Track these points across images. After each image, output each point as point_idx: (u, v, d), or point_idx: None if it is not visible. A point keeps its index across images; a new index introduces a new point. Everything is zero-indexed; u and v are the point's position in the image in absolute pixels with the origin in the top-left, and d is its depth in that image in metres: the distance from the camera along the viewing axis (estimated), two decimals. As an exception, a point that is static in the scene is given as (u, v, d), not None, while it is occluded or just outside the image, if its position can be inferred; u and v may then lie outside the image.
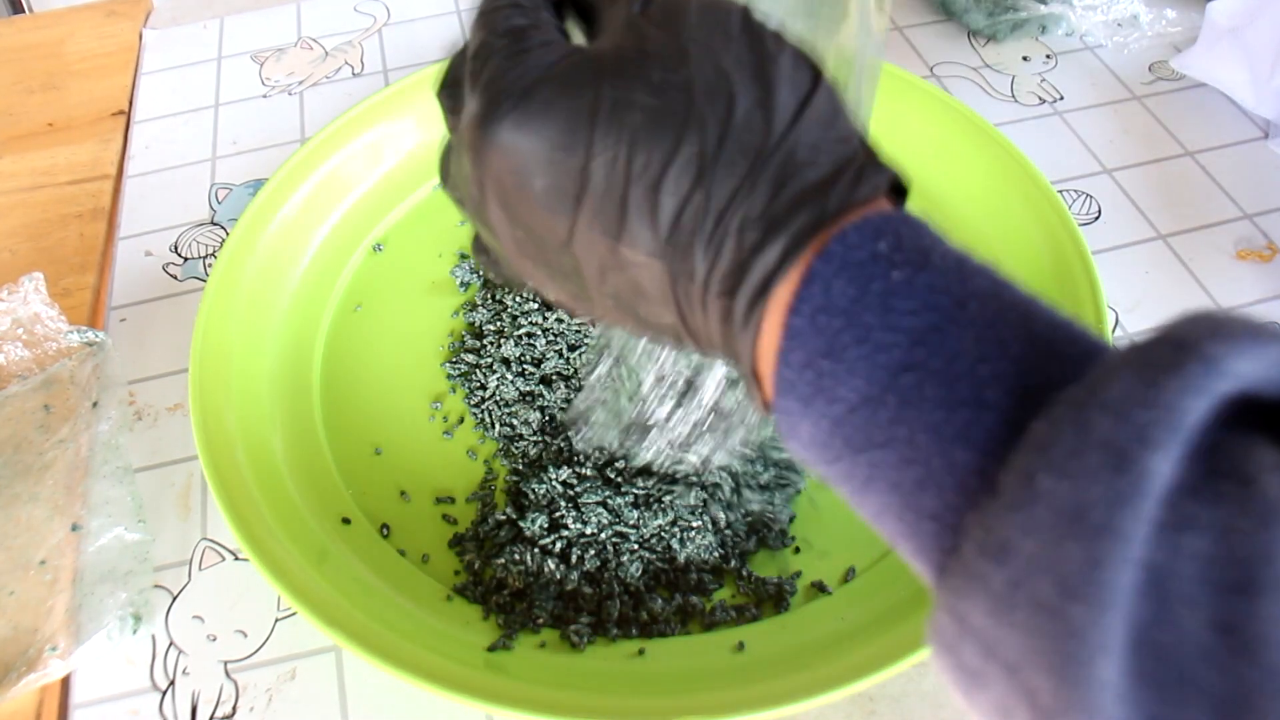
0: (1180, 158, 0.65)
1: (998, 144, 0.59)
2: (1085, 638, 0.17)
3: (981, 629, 0.18)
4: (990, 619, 0.18)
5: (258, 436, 0.49)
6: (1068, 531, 0.17)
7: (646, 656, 0.43)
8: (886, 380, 0.20)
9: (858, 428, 0.20)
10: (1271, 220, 0.61)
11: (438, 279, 0.59)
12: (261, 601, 0.47)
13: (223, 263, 0.54)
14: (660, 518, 0.46)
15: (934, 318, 0.20)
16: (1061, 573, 0.17)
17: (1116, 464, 0.17)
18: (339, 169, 0.61)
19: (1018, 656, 0.17)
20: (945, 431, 0.19)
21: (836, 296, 0.21)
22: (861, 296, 0.20)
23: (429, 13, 0.79)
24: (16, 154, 0.69)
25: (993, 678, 0.18)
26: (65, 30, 0.79)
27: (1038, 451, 0.18)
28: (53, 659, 0.43)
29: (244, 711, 0.43)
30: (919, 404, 0.20)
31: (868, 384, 0.20)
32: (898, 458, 0.20)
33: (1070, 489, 0.17)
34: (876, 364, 0.20)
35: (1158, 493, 0.17)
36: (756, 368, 0.23)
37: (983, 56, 0.73)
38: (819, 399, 0.21)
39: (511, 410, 0.52)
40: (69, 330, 0.54)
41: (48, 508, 0.47)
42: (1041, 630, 0.17)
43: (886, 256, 0.21)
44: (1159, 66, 0.71)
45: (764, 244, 0.22)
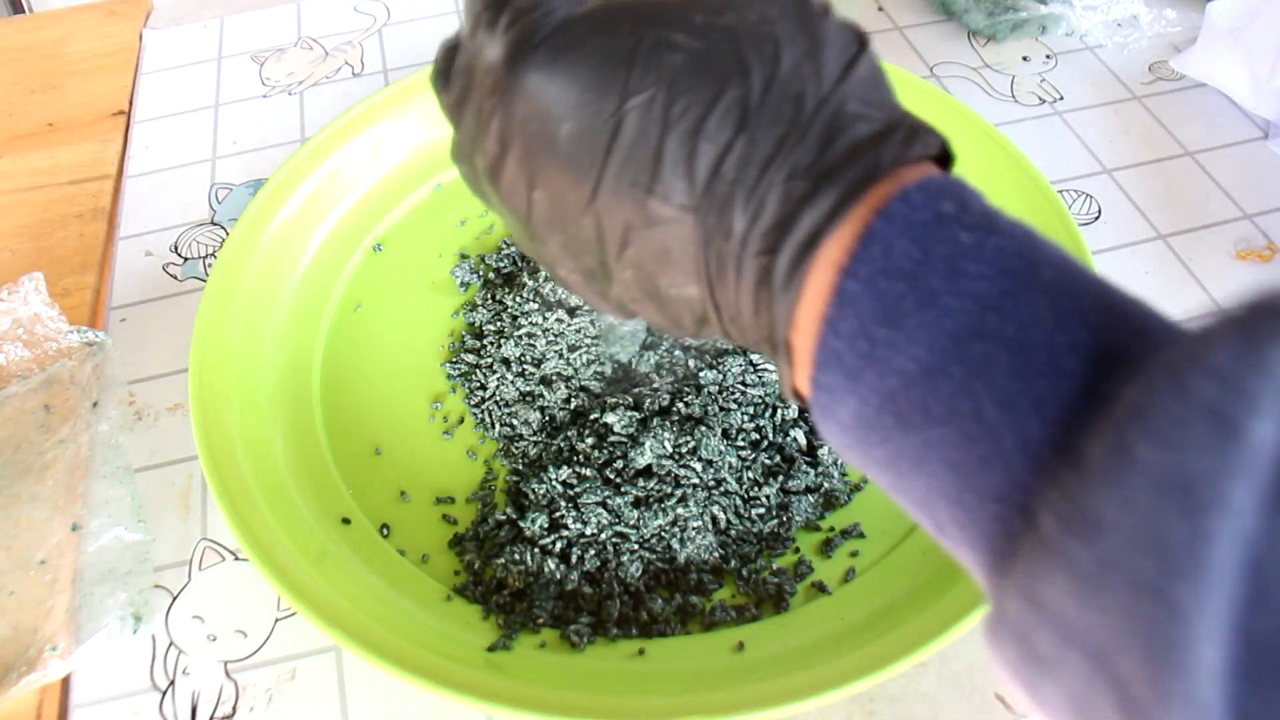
0: (1180, 158, 0.65)
1: (998, 144, 0.58)
2: (1190, 620, 0.15)
3: (1062, 612, 0.17)
4: (1074, 600, 0.16)
5: (258, 436, 0.49)
6: (1171, 504, 0.15)
7: (646, 656, 0.43)
8: (952, 349, 0.18)
9: (914, 402, 0.19)
10: (1271, 220, 0.61)
11: (438, 279, 0.59)
12: (261, 601, 0.47)
13: (223, 263, 0.54)
14: (660, 518, 0.46)
15: (1007, 283, 0.18)
16: (1164, 549, 0.15)
17: (1224, 433, 0.15)
18: (339, 169, 0.61)
19: (1106, 642, 0.16)
20: (1019, 403, 0.18)
21: (899, 258, 0.19)
22: (927, 259, 0.19)
23: (429, 13, 0.79)
24: (16, 154, 0.69)
25: (1070, 667, 0.16)
26: (65, 30, 0.79)
27: (1135, 419, 0.16)
28: (53, 659, 0.43)
29: (244, 711, 0.43)
30: (989, 374, 0.18)
31: (930, 353, 0.18)
32: (959, 434, 0.18)
33: (1173, 460, 0.15)
34: (942, 331, 0.18)
35: (1267, 465, 0.15)
36: (791, 341, 0.21)
37: (983, 56, 0.73)
38: (869, 371, 0.19)
39: (511, 410, 0.52)
40: (69, 330, 0.54)
41: (48, 508, 0.47)
42: (1138, 612, 0.15)
43: (954, 218, 0.19)
44: (1159, 66, 0.71)
45: (815, 195, 0.20)
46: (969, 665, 0.44)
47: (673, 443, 0.47)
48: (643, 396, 0.50)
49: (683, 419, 0.49)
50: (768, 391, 0.49)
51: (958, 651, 0.44)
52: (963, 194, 0.20)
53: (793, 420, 0.49)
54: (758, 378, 0.49)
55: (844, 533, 0.47)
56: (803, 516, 0.48)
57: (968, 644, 0.44)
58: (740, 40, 0.21)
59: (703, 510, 0.47)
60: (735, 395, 0.49)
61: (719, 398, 0.49)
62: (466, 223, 0.62)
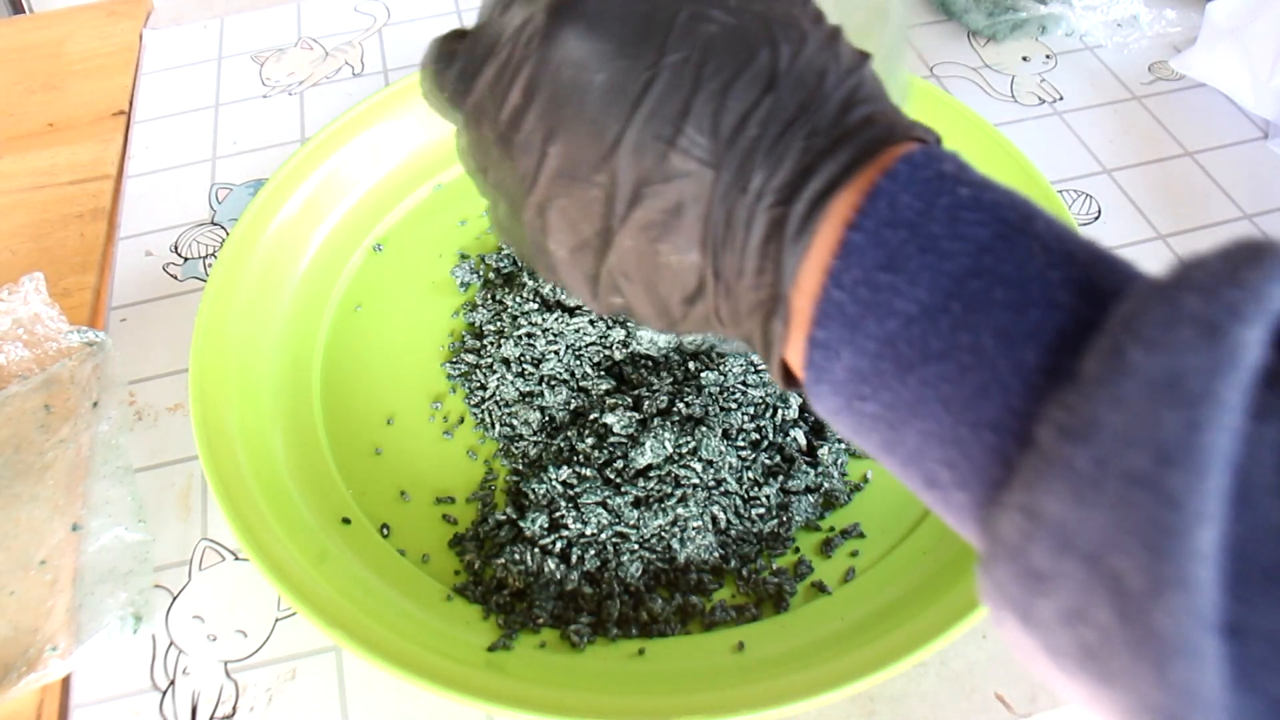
0: (1180, 158, 0.65)
1: (998, 144, 0.59)
2: (1184, 506, 0.16)
3: (1058, 519, 0.17)
4: (1072, 504, 0.17)
5: (258, 436, 0.50)
6: (1163, 400, 0.16)
7: (646, 656, 0.43)
8: (951, 287, 0.19)
9: (913, 342, 0.20)
10: (1271, 220, 0.61)
11: (438, 279, 0.59)
12: (261, 601, 0.47)
13: (223, 263, 0.54)
14: (660, 518, 0.46)
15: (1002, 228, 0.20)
16: (1157, 441, 0.16)
17: (1210, 335, 0.16)
18: (339, 169, 0.61)
19: (1101, 540, 0.17)
20: (1014, 332, 0.19)
21: (902, 210, 0.20)
22: (928, 210, 0.20)
23: (429, 13, 0.79)
24: (17, 154, 0.69)
25: (1064, 577, 0.17)
26: (66, 30, 0.79)
27: (1124, 328, 0.17)
28: (53, 659, 0.43)
29: (244, 711, 0.43)
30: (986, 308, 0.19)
31: (930, 293, 0.20)
32: (957, 368, 0.19)
33: (1163, 360, 0.17)
34: (942, 272, 0.20)
35: (1250, 367, 0.16)
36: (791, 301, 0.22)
37: (982, 56, 0.73)
38: (869, 318, 0.20)
39: (511, 410, 0.52)
40: (69, 330, 0.55)
41: (48, 508, 0.47)
42: (1133, 503, 0.16)
43: (954, 175, 0.21)
44: (1159, 66, 0.71)
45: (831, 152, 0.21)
46: (969, 665, 0.44)
47: (673, 443, 0.47)
48: (643, 397, 0.50)
49: (683, 419, 0.49)
50: (768, 392, 0.49)
51: (958, 651, 0.44)
52: (961, 161, 0.22)
53: (793, 420, 0.49)
54: (758, 378, 0.49)
55: (844, 533, 0.47)
56: (803, 516, 0.48)
57: (968, 644, 0.44)
58: (770, 22, 0.23)
59: (703, 510, 0.47)
60: (735, 395, 0.49)
61: (719, 398, 0.49)
62: (466, 223, 0.62)
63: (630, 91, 0.22)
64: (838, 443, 0.49)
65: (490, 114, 0.25)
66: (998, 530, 0.19)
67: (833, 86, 0.22)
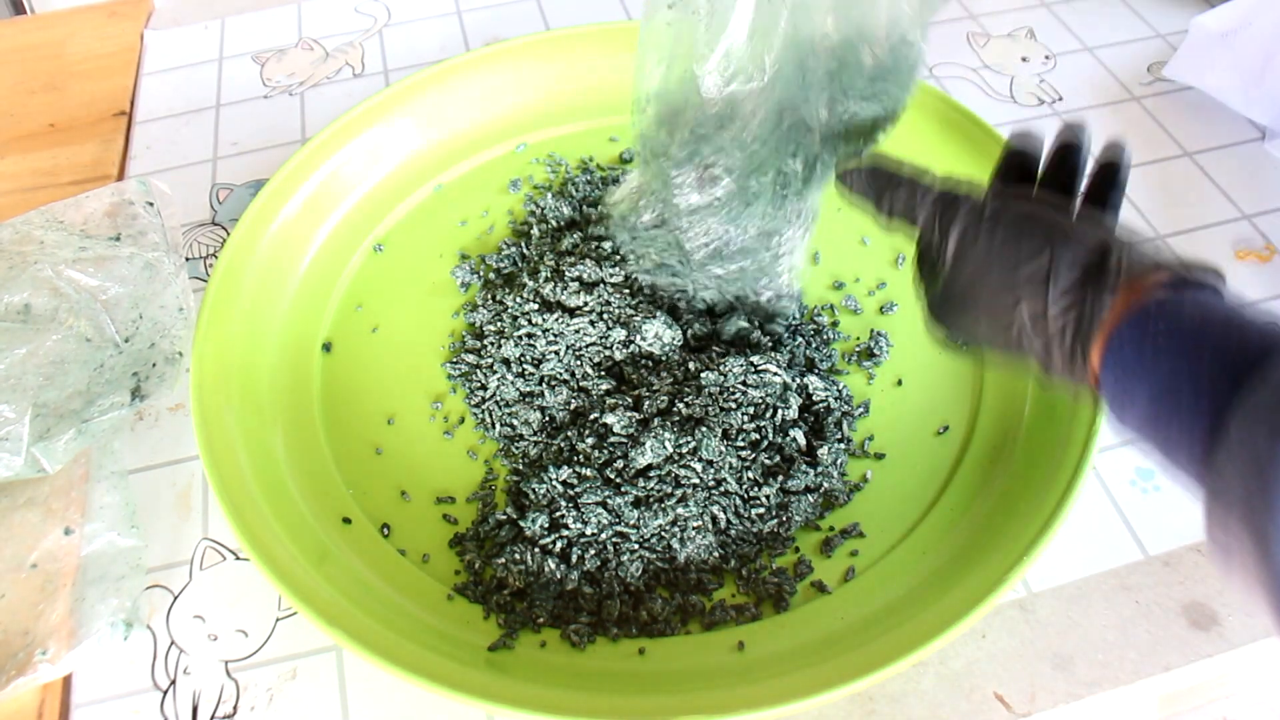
0: (1179, 158, 0.65)
1: (998, 144, 0.58)
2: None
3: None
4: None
5: (258, 436, 0.50)
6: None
7: (647, 656, 0.43)
8: (1161, 388, 0.33)
9: (1149, 420, 0.33)
10: (1270, 221, 0.61)
11: (438, 279, 0.59)
12: (262, 601, 0.47)
13: (224, 263, 0.54)
14: (660, 518, 0.46)
15: (1185, 349, 0.32)
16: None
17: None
18: (339, 169, 0.61)
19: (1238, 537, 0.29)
20: (1195, 410, 0.31)
21: (1128, 346, 0.34)
22: (1142, 344, 0.33)
23: (429, 13, 0.79)
24: (18, 154, 0.69)
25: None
26: (67, 31, 0.79)
27: (1249, 412, 0.30)
28: (42, 663, 0.43)
29: (245, 711, 0.43)
30: (1179, 399, 0.32)
31: (1150, 390, 0.33)
32: (1175, 435, 0.32)
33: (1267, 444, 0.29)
34: (1155, 379, 0.33)
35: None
36: (1093, 372, 0.36)
37: (982, 57, 0.73)
38: (1128, 404, 0.34)
39: (512, 410, 0.52)
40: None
41: (41, 511, 0.47)
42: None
43: (1155, 319, 0.33)
44: (1157, 68, 0.71)
45: (1096, 307, 0.35)
46: (968, 665, 0.44)
47: (673, 443, 0.47)
48: (643, 397, 0.50)
49: (683, 419, 0.49)
50: (768, 392, 0.49)
51: (957, 651, 0.44)
52: (1163, 306, 0.34)
53: (792, 421, 0.50)
54: (758, 378, 0.49)
55: (844, 532, 0.47)
56: (802, 516, 0.48)
57: (967, 644, 0.45)
58: (1055, 226, 0.38)
59: (703, 510, 0.47)
60: (735, 395, 0.49)
61: (719, 398, 0.49)
62: (467, 223, 0.62)
63: (1012, 270, 0.38)
64: (837, 443, 0.49)
65: (932, 255, 0.41)
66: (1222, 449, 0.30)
67: (1094, 275, 0.36)
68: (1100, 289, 0.36)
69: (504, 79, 0.66)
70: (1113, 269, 0.36)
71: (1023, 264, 0.37)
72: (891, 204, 0.42)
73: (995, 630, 0.45)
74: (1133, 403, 0.34)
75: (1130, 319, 0.34)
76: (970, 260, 0.39)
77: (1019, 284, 0.38)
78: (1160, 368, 0.33)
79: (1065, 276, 0.36)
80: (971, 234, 0.39)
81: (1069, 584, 0.46)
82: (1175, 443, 0.33)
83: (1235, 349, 0.32)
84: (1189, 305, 0.34)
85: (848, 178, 0.43)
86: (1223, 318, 0.33)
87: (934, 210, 0.41)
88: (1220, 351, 0.32)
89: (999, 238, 0.38)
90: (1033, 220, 0.38)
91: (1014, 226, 0.38)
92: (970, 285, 0.40)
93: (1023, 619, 0.45)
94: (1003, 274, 0.38)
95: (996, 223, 0.39)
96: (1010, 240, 0.38)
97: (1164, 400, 0.33)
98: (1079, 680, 0.43)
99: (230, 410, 0.49)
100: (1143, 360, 0.34)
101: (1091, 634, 0.45)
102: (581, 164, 0.65)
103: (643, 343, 0.51)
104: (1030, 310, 0.37)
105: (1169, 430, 0.33)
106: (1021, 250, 0.38)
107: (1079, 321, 0.36)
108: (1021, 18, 0.77)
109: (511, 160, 0.66)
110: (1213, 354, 0.32)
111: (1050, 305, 0.37)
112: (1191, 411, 0.32)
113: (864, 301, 0.57)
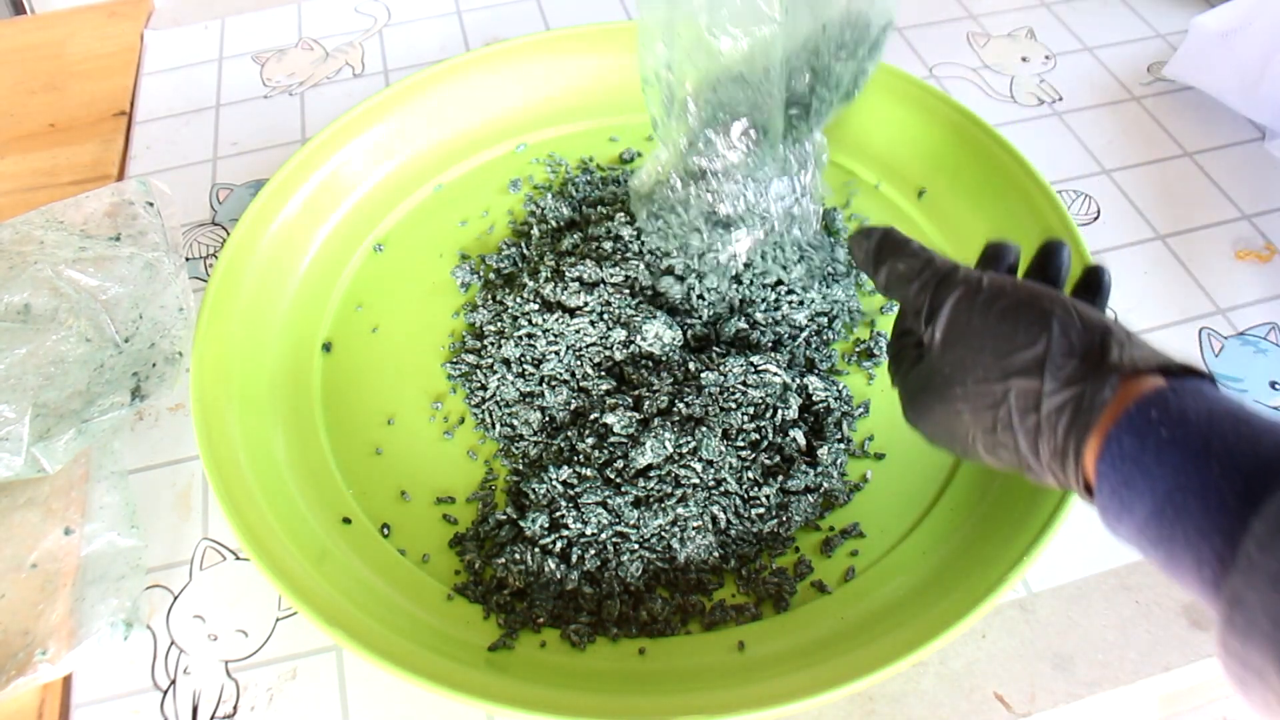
0: (1179, 158, 0.65)
1: (998, 144, 0.59)
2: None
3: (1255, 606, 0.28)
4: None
5: (258, 436, 0.50)
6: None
7: (647, 656, 0.43)
8: (1164, 498, 0.30)
9: (1150, 531, 0.31)
10: (1270, 221, 0.61)
11: (438, 279, 0.59)
12: (262, 601, 0.47)
13: (224, 263, 0.54)
14: (660, 518, 0.46)
15: (1190, 456, 0.30)
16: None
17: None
18: (339, 169, 0.61)
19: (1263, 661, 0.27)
20: (1204, 528, 0.29)
21: (1127, 449, 0.32)
22: (1142, 447, 0.31)
23: (429, 13, 0.79)
24: (18, 154, 0.69)
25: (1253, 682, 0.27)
26: (67, 31, 0.79)
27: (1263, 534, 0.28)
28: (42, 663, 0.43)
29: (245, 711, 0.43)
30: (1185, 513, 0.30)
31: (1152, 501, 0.31)
32: (1180, 547, 0.30)
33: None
34: (1156, 489, 0.31)
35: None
36: (1086, 478, 0.34)
37: (982, 57, 0.73)
38: (1125, 513, 0.32)
39: (512, 410, 0.52)
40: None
41: (41, 511, 0.47)
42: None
43: (1157, 420, 0.31)
44: (1157, 68, 0.71)
45: (1090, 413, 0.33)
46: (968, 665, 0.44)
47: (673, 443, 0.47)
48: (643, 397, 0.50)
49: (683, 419, 0.49)
50: (768, 392, 0.49)
51: (957, 651, 0.44)
52: (1166, 399, 0.32)
53: (792, 421, 0.50)
54: (758, 378, 0.49)
55: (844, 532, 0.47)
56: (802, 516, 0.48)
57: (967, 644, 0.45)
58: (1052, 310, 0.35)
59: (703, 510, 0.47)
60: (735, 396, 0.49)
61: (719, 398, 0.49)
62: (467, 223, 0.62)
63: (1006, 357, 0.35)
64: (837, 443, 0.49)
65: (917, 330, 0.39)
66: (1233, 594, 0.28)
67: (1086, 376, 0.34)
68: (1100, 379, 0.33)
69: (504, 79, 0.66)
70: (1114, 359, 0.33)
71: (1019, 345, 0.35)
72: (890, 272, 0.40)
73: (995, 630, 0.45)
74: (1130, 511, 0.31)
75: (1130, 411, 0.32)
76: (961, 338, 0.37)
77: (1013, 366, 0.35)
78: (1164, 470, 0.30)
79: (1064, 362, 0.34)
80: (965, 308, 0.37)
81: (1069, 584, 0.46)
82: (1180, 559, 0.30)
83: (1247, 457, 0.29)
84: (1191, 398, 0.31)
85: (858, 242, 0.41)
86: (1229, 417, 0.31)
87: (927, 280, 0.38)
88: (1230, 457, 0.29)
89: (994, 314, 0.36)
90: (1033, 299, 0.36)
91: (1011, 304, 0.36)
92: (958, 365, 0.37)
93: (1023, 619, 0.45)
94: (996, 355, 0.35)
95: (994, 299, 0.36)
96: (1007, 318, 0.35)
97: (1167, 510, 0.30)
98: (1079, 680, 0.43)
99: (230, 410, 0.49)
100: (1143, 459, 0.31)
101: (1091, 634, 0.45)
102: (581, 164, 0.65)
103: (643, 343, 0.51)
104: (1021, 397, 0.34)
105: (1172, 544, 0.30)
106: (1019, 330, 0.35)
107: (1075, 412, 0.33)
108: (1021, 18, 0.77)
109: (511, 160, 0.66)
110: (1222, 461, 0.29)
111: (1045, 393, 0.34)
112: (1200, 528, 0.29)
113: (864, 301, 0.57)
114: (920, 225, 0.61)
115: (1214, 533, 0.29)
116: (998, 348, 0.35)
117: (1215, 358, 0.54)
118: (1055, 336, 0.34)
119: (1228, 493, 0.29)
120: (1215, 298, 0.57)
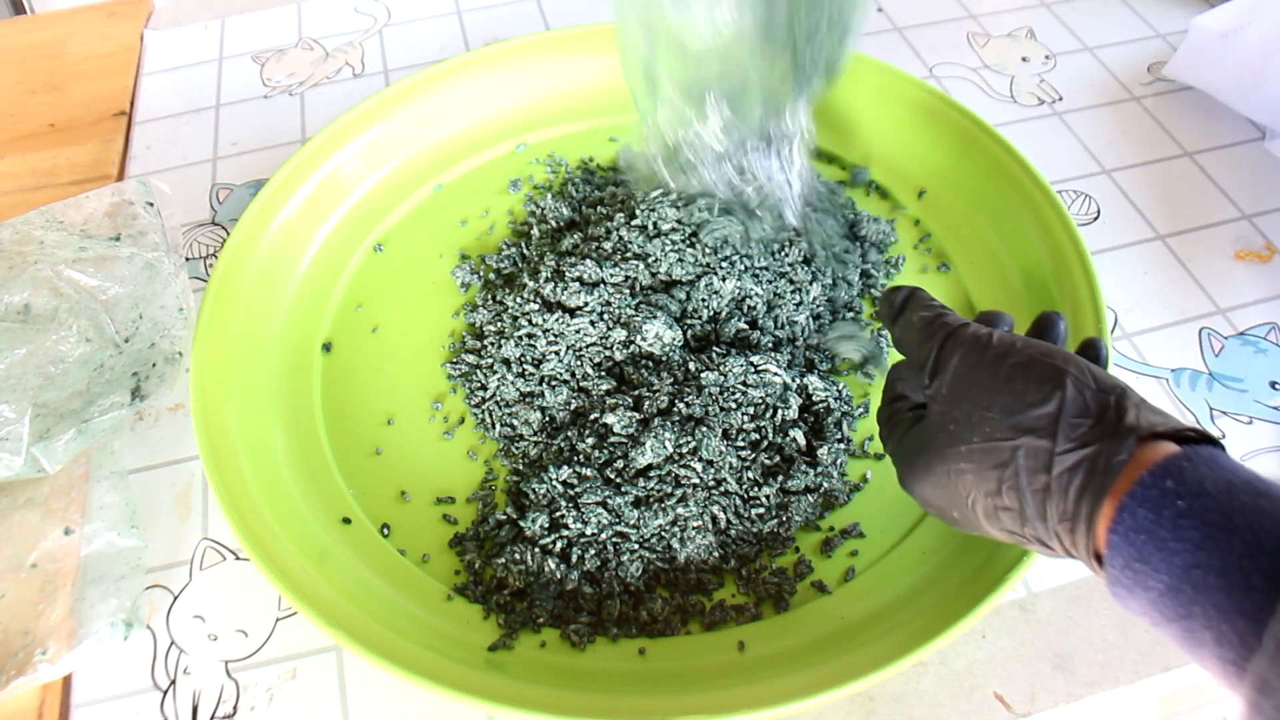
0: (1179, 158, 0.65)
1: (998, 144, 0.59)
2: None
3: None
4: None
5: (258, 436, 0.50)
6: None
7: (647, 656, 0.43)
8: (1181, 575, 0.29)
9: (1166, 607, 0.30)
10: (1270, 221, 0.61)
11: (438, 279, 0.59)
12: (262, 601, 0.47)
13: (224, 263, 0.54)
14: (660, 518, 0.46)
15: (1210, 531, 0.29)
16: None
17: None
18: (339, 169, 0.61)
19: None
20: (1227, 607, 0.28)
21: (1141, 520, 0.30)
22: (1158, 519, 0.30)
23: (429, 13, 0.79)
24: (18, 154, 0.69)
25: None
26: (67, 31, 0.79)
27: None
28: (42, 663, 0.43)
29: (245, 711, 0.43)
30: (1206, 590, 0.28)
31: (1169, 578, 0.29)
32: (1199, 625, 0.29)
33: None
34: (1174, 565, 0.29)
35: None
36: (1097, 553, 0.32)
37: (982, 57, 0.73)
38: (1138, 588, 0.30)
39: (512, 410, 0.52)
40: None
41: (41, 511, 0.47)
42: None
43: (1173, 490, 0.30)
44: (1157, 67, 0.71)
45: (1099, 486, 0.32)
46: (968, 665, 0.44)
47: (673, 443, 0.47)
48: (643, 397, 0.50)
49: (683, 419, 0.49)
50: (768, 392, 0.49)
51: (957, 651, 0.44)
52: (1182, 468, 0.30)
53: (792, 420, 0.50)
54: (758, 378, 0.49)
55: (844, 532, 0.47)
56: (802, 516, 0.48)
57: (967, 644, 0.45)
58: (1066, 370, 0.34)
59: (703, 510, 0.47)
60: (735, 395, 0.49)
61: (719, 398, 0.49)
62: (467, 223, 0.62)
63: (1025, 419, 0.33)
64: (837, 443, 0.49)
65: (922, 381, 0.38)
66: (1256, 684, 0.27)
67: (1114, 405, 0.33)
68: (1117, 440, 0.31)
69: (504, 79, 0.66)
70: (1130, 421, 0.32)
71: (1030, 402, 0.33)
72: (905, 324, 0.39)
73: (995, 630, 0.45)
74: (1145, 586, 0.30)
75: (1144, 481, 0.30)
76: (968, 393, 0.35)
77: (1023, 424, 0.33)
78: (1181, 544, 0.29)
79: (1079, 422, 0.32)
80: (974, 362, 0.35)
81: (1069, 584, 0.46)
82: (1199, 636, 0.29)
83: (1270, 534, 0.28)
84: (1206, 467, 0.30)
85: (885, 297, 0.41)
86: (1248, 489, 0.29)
87: (936, 332, 0.37)
88: (1253, 534, 0.28)
89: (1005, 370, 0.34)
90: (1045, 356, 0.34)
91: (1023, 360, 0.34)
92: (964, 422, 0.35)
93: (1023, 619, 0.45)
94: (1005, 412, 0.34)
95: (1004, 355, 0.35)
96: (1018, 375, 0.34)
97: (1185, 587, 0.29)
98: (1079, 680, 0.43)
99: (230, 410, 0.49)
100: (1159, 533, 0.29)
101: (1091, 634, 0.45)
102: (581, 164, 0.65)
103: (643, 343, 0.51)
104: (1031, 456, 0.33)
105: (1190, 621, 0.29)
106: (1030, 387, 0.33)
107: (1090, 474, 0.32)
108: (1021, 18, 0.77)
109: (511, 160, 0.66)
110: (1245, 539, 0.28)
111: (1057, 453, 0.32)
112: (1221, 607, 0.28)
113: (864, 303, 0.57)
114: (920, 225, 0.61)
115: (1236, 613, 0.28)
116: (1007, 404, 0.34)
117: (1215, 358, 0.54)
118: (1069, 395, 0.33)
119: (1252, 572, 0.28)
120: (1215, 298, 0.57)
